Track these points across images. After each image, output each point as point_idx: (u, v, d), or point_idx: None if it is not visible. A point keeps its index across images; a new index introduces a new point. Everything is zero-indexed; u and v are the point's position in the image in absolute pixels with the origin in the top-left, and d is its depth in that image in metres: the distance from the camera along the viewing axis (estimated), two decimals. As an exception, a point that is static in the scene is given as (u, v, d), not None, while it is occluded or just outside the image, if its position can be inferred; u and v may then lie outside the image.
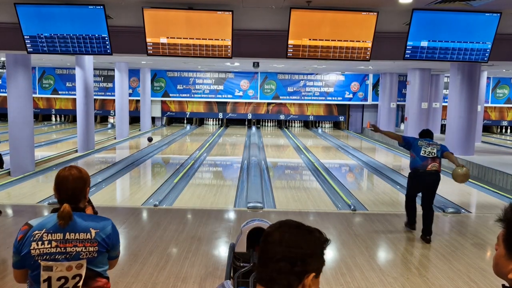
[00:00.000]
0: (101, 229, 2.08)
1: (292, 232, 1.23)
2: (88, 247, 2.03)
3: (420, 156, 5.50)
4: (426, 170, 5.45)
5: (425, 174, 5.47)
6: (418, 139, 5.69)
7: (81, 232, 2.03)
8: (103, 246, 2.06)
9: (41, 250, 1.99)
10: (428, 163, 5.46)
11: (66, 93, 21.26)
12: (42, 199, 7.30)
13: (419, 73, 15.39)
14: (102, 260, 2.10)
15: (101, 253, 2.07)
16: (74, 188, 2.09)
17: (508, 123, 22.48)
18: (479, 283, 4.25)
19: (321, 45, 6.61)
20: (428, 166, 5.46)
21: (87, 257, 2.03)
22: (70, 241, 2.01)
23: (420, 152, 5.50)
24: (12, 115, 9.62)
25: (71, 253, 2.00)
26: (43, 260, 1.99)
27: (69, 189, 2.08)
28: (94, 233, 2.04)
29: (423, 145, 5.55)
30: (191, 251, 4.95)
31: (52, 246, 1.99)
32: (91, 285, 2.07)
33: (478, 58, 6.75)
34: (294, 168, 11.71)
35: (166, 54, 6.74)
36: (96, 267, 2.08)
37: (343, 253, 5.04)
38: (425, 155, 5.47)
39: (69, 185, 2.08)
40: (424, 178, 5.50)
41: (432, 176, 5.49)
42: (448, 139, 12.11)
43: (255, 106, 21.96)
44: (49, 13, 6.36)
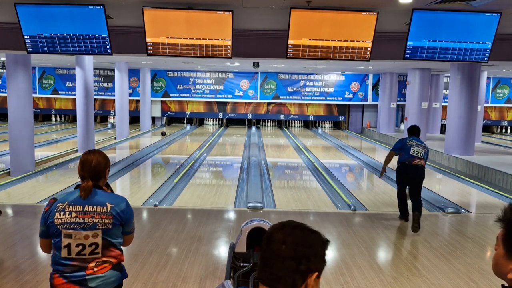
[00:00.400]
0: (116, 204, 2.34)
1: (296, 231, 1.24)
2: (104, 219, 2.28)
3: (409, 154, 5.95)
4: (412, 164, 5.92)
5: (411, 166, 5.92)
6: (406, 139, 6.10)
7: (98, 206, 2.29)
8: (117, 219, 2.32)
9: (62, 219, 2.26)
10: (414, 159, 5.93)
11: (66, 93, 21.26)
12: (42, 199, 7.30)
13: (419, 73, 15.39)
14: (116, 233, 2.35)
15: (115, 225, 2.32)
16: (96, 168, 2.37)
17: (508, 123, 22.48)
18: (479, 283, 4.26)
19: (321, 45, 6.61)
20: (414, 161, 5.92)
21: (103, 228, 2.28)
22: (88, 213, 2.27)
23: (409, 151, 5.95)
24: (12, 115, 9.62)
25: (88, 223, 2.26)
26: (64, 229, 2.26)
27: (91, 167, 2.36)
28: (110, 207, 2.30)
29: (412, 144, 6.00)
30: (191, 251, 4.95)
31: (72, 216, 2.26)
32: (106, 254, 2.32)
33: (478, 58, 6.75)
34: (294, 168, 11.71)
35: (166, 54, 6.74)
36: (110, 238, 2.32)
37: (343, 253, 5.04)
38: (413, 154, 5.94)
39: (91, 164, 2.36)
40: (410, 169, 5.93)
41: (418, 169, 5.94)
42: (448, 139, 12.12)
43: (255, 106, 21.97)
44: (49, 13, 6.36)
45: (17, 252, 4.87)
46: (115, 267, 2.37)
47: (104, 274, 2.31)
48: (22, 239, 5.27)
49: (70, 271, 2.28)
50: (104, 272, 2.31)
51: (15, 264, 4.49)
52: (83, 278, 2.27)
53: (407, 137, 6.20)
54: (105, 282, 2.31)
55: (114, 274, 2.35)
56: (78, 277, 2.27)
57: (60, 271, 2.29)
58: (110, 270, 2.34)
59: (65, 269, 2.28)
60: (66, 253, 2.27)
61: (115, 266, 2.37)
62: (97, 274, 2.29)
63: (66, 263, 2.28)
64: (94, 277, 2.28)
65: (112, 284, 2.34)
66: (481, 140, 16.17)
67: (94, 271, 2.29)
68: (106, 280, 2.32)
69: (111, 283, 2.34)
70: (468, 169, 10.89)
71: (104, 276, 2.31)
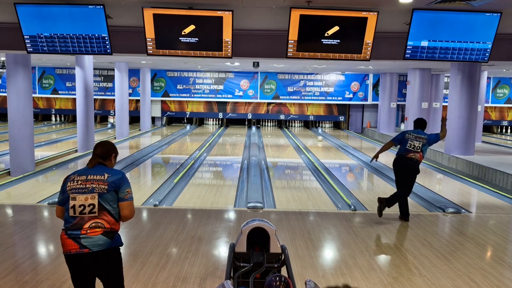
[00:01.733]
0: (113, 174, 2.92)
1: None
2: (101, 185, 2.85)
3: (405, 148, 6.16)
4: (406, 156, 6.12)
5: (405, 158, 6.13)
6: (406, 132, 6.27)
7: (98, 175, 2.89)
8: (111, 186, 2.87)
9: (71, 186, 2.87)
10: (409, 153, 6.12)
11: (66, 93, 21.25)
12: (42, 199, 7.30)
13: (419, 73, 15.39)
14: (110, 198, 2.87)
15: (109, 191, 2.86)
16: (103, 151, 3.02)
17: (508, 123, 22.48)
18: (479, 283, 4.25)
19: (321, 45, 6.60)
20: (408, 154, 6.11)
21: (99, 192, 2.84)
22: (89, 181, 2.86)
23: (406, 145, 6.16)
24: (12, 115, 9.62)
25: (88, 188, 2.84)
26: (71, 193, 2.85)
27: (99, 151, 3.01)
28: (107, 176, 2.89)
29: (410, 137, 6.18)
30: (191, 251, 4.94)
31: (78, 183, 2.87)
32: (100, 216, 2.84)
33: (478, 58, 6.75)
34: (294, 168, 11.70)
35: (166, 54, 6.74)
36: (104, 203, 2.85)
37: (343, 253, 5.04)
38: (409, 148, 6.13)
39: (101, 147, 3.04)
40: (404, 161, 6.14)
41: (411, 161, 6.10)
42: (448, 139, 12.11)
43: (255, 106, 21.96)
44: (49, 13, 6.36)
45: (17, 252, 4.86)
46: (106, 234, 2.83)
47: (93, 237, 2.80)
48: (22, 239, 5.26)
49: (71, 229, 2.83)
50: (94, 235, 2.81)
51: (15, 264, 4.49)
52: (78, 236, 2.80)
53: (408, 130, 6.37)
54: (93, 243, 2.80)
55: (102, 239, 2.82)
56: (74, 235, 2.81)
57: (65, 228, 2.87)
58: (100, 235, 2.81)
59: (69, 226, 2.84)
60: (72, 213, 2.83)
61: (106, 232, 2.83)
62: (88, 235, 2.80)
63: (70, 220, 2.84)
64: (85, 237, 2.80)
65: (99, 246, 2.80)
66: (482, 140, 16.17)
67: (87, 232, 2.81)
68: (95, 242, 2.80)
69: (99, 246, 2.80)
70: (468, 169, 10.89)
71: (93, 238, 2.80)
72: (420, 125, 6.33)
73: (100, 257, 2.82)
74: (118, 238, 2.93)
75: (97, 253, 2.80)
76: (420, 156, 6.12)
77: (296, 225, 5.98)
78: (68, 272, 4.29)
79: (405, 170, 6.16)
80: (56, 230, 5.62)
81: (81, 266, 2.85)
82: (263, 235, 3.15)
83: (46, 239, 5.40)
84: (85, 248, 2.78)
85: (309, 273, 4.39)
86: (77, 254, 2.80)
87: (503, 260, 4.92)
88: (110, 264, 2.89)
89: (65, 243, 2.84)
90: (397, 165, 6.24)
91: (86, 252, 2.79)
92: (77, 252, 2.79)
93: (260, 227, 3.16)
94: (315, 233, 5.67)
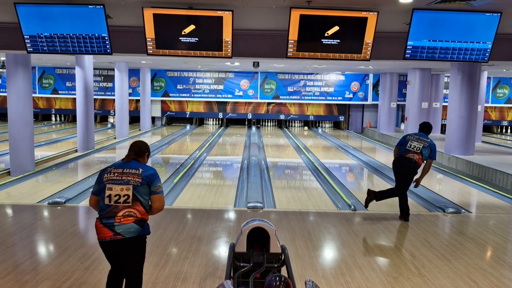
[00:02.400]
0: (146, 170, 3.22)
1: None
2: (135, 178, 3.15)
3: (405, 148, 6.19)
4: (404, 156, 6.15)
5: (404, 158, 6.16)
6: (408, 134, 6.33)
7: (133, 169, 3.20)
8: (145, 180, 3.17)
9: (108, 177, 3.17)
10: (408, 153, 6.14)
11: (66, 92, 21.25)
12: (42, 199, 7.30)
13: (419, 73, 15.39)
14: (143, 190, 3.16)
15: (142, 184, 3.16)
16: (138, 149, 3.36)
17: (508, 123, 22.48)
18: (479, 283, 4.25)
19: (321, 45, 6.60)
20: (407, 154, 6.14)
21: (133, 184, 3.13)
22: (125, 173, 3.16)
23: (406, 145, 6.19)
24: (12, 114, 9.62)
25: (124, 180, 3.14)
26: (107, 183, 3.14)
27: (135, 148, 3.36)
28: (141, 171, 3.20)
29: (411, 139, 6.22)
30: (191, 251, 4.94)
31: (114, 175, 3.16)
32: (133, 206, 3.13)
33: (479, 58, 6.75)
34: (294, 168, 11.70)
35: (166, 54, 6.74)
36: (138, 194, 3.14)
37: (343, 253, 5.04)
38: (409, 148, 6.15)
39: (136, 146, 3.37)
40: (402, 161, 6.17)
41: (409, 161, 6.12)
42: (448, 139, 12.12)
43: (255, 106, 21.96)
44: (49, 13, 6.36)
45: (17, 252, 4.86)
46: (137, 222, 3.12)
47: (126, 224, 3.09)
48: (22, 239, 5.26)
49: (105, 217, 3.11)
50: (127, 223, 3.10)
51: (15, 264, 4.49)
52: (112, 224, 3.09)
53: (411, 133, 6.41)
54: (126, 230, 3.09)
55: (134, 227, 3.11)
56: (109, 223, 3.09)
57: (100, 217, 3.14)
58: (132, 223, 3.10)
59: (103, 214, 3.11)
60: (108, 201, 3.12)
61: (138, 221, 3.13)
62: (121, 223, 3.09)
63: (105, 209, 3.12)
64: (119, 225, 3.09)
65: (131, 233, 3.10)
66: (482, 140, 16.17)
67: (120, 220, 3.09)
68: (127, 229, 3.09)
69: (131, 233, 3.10)
70: (468, 169, 10.89)
71: (126, 225, 3.09)
72: (424, 128, 6.31)
73: (131, 243, 3.13)
74: (147, 227, 3.23)
75: (128, 240, 3.11)
76: (419, 158, 6.09)
77: (296, 225, 5.98)
78: (68, 271, 4.31)
79: (402, 169, 6.18)
80: (56, 230, 5.62)
81: (114, 251, 3.18)
82: (263, 235, 3.15)
83: (46, 239, 5.40)
84: (119, 235, 3.08)
85: (309, 273, 4.39)
86: (111, 241, 3.10)
87: (503, 260, 4.92)
88: (138, 250, 3.21)
89: (101, 231, 3.12)
90: (396, 164, 6.29)
91: (119, 239, 3.09)
92: (111, 239, 3.10)
93: (260, 227, 3.16)
94: (315, 233, 5.67)
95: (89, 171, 10.33)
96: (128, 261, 3.20)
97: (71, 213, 6.52)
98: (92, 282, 4.12)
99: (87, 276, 4.23)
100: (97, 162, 11.75)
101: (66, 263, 4.53)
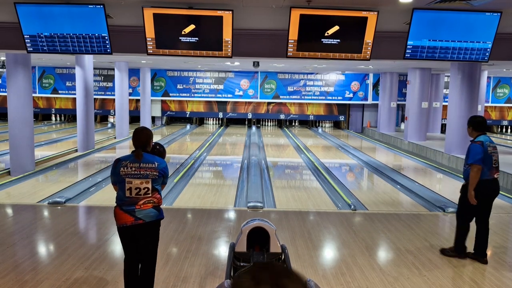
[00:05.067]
0: (160, 163, 3.53)
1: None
2: (153, 172, 3.46)
3: (490, 167, 4.76)
4: (493, 178, 4.82)
5: (494, 182, 4.82)
6: (485, 144, 4.75)
7: (149, 163, 3.47)
8: (160, 173, 3.50)
9: (126, 172, 3.43)
10: (495, 172, 4.86)
11: (66, 92, 21.25)
12: (42, 199, 7.30)
13: (419, 72, 15.38)
14: (158, 181, 3.53)
15: (159, 177, 3.51)
16: (143, 139, 3.54)
17: (509, 122, 22.47)
18: (479, 282, 4.25)
19: (321, 45, 6.59)
20: (495, 174, 4.86)
21: (151, 178, 3.45)
22: (143, 168, 3.44)
23: (491, 163, 4.76)
24: (12, 114, 9.61)
25: (142, 174, 3.43)
26: (126, 177, 3.42)
27: (140, 139, 3.53)
28: (157, 165, 3.49)
29: (492, 152, 4.80)
30: (191, 251, 4.94)
31: (132, 170, 3.43)
32: (152, 195, 3.47)
33: (479, 57, 6.74)
34: (294, 168, 11.70)
35: (166, 54, 6.73)
36: (155, 184, 3.49)
37: (343, 252, 5.04)
38: (494, 166, 4.80)
39: (140, 137, 3.53)
40: (495, 185, 4.84)
41: (498, 184, 4.89)
42: (448, 139, 12.11)
43: (255, 106, 21.96)
44: (49, 13, 6.35)
45: (17, 252, 4.86)
46: (155, 207, 3.49)
47: (146, 210, 3.44)
48: (22, 239, 5.26)
49: (126, 205, 3.43)
50: (147, 208, 3.44)
51: (15, 264, 4.49)
52: (133, 210, 3.42)
53: (482, 139, 4.80)
54: (146, 215, 3.44)
55: (153, 211, 3.48)
56: (130, 209, 3.42)
57: (120, 205, 3.47)
58: (151, 208, 3.46)
59: (123, 203, 3.45)
60: (128, 194, 3.41)
61: (155, 206, 3.50)
62: (142, 209, 3.43)
63: (125, 200, 3.44)
64: (140, 210, 3.43)
65: (151, 218, 3.46)
66: (481, 139, 16.13)
67: (141, 207, 3.43)
68: (147, 214, 3.44)
69: (150, 217, 3.46)
70: (468, 168, 10.87)
71: (146, 210, 3.44)
72: (486, 126, 5.02)
73: (150, 226, 3.48)
74: (162, 212, 3.60)
75: (148, 223, 3.46)
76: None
77: (296, 224, 5.98)
78: (68, 271, 4.30)
79: (494, 195, 4.86)
80: (56, 230, 5.63)
81: (134, 236, 3.50)
82: (263, 234, 3.15)
83: (46, 239, 5.40)
84: (140, 219, 3.42)
85: (309, 273, 4.39)
86: (133, 225, 3.43)
87: (503, 260, 4.92)
88: (156, 233, 3.58)
89: (121, 217, 3.44)
90: (487, 192, 4.78)
91: (140, 223, 3.42)
92: (132, 224, 3.42)
93: (260, 226, 3.16)
94: (315, 233, 5.67)
95: (89, 170, 10.32)
96: (147, 243, 3.53)
97: (71, 213, 6.52)
98: (92, 282, 4.12)
99: (87, 276, 4.23)
100: (97, 162, 11.75)
101: (66, 263, 4.53)
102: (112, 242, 5.27)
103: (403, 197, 8.26)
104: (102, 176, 9.26)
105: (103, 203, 7.07)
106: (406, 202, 7.86)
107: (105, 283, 4.11)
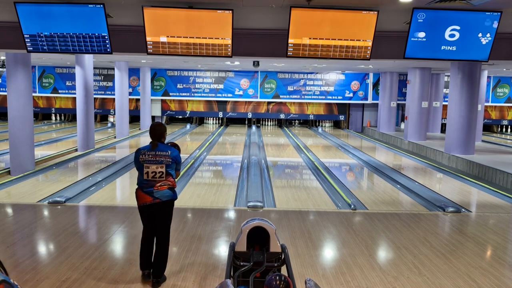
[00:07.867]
0: (173, 151, 4.11)
1: None
2: (167, 158, 4.05)
3: None
4: None
5: None
6: None
7: (163, 151, 4.07)
8: (173, 160, 4.09)
9: (144, 158, 4.05)
10: None
11: (66, 92, 21.25)
12: (42, 198, 7.30)
13: (420, 72, 15.38)
14: (172, 166, 4.10)
15: (172, 163, 4.08)
16: (157, 133, 4.14)
17: (509, 122, 22.48)
18: (479, 282, 4.25)
19: (321, 44, 6.61)
20: None
21: (165, 163, 4.05)
22: (159, 155, 4.05)
23: None
24: (12, 114, 9.61)
25: (158, 160, 4.03)
26: (145, 163, 4.04)
27: (155, 133, 4.14)
28: (170, 153, 4.08)
29: None
30: (191, 250, 4.95)
31: (149, 157, 4.04)
32: (167, 178, 4.07)
33: (478, 57, 6.74)
34: (294, 167, 11.70)
35: (166, 53, 6.73)
36: (169, 169, 4.07)
37: (343, 252, 5.04)
38: None
39: (155, 132, 4.15)
40: None
41: None
42: (448, 138, 12.11)
43: (255, 105, 21.96)
44: (49, 12, 6.36)
45: (17, 251, 4.86)
46: (170, 189, 4.09)
47: (163, 190, 4.05)
48: (22, 238, 5.26)
49: (145, 187, 4.04)
50: (163, 189, 4.05)
51: (15, 263, 4.49)
52: (151, 191, 4.03)
53: None
54: (163, 195, 4.04)
55: (168, 192, 4.08)
56: (148, 191, 4.03)
57: (141, 187, 4.08)
58: (166, 189, 4.07)
59: (143, 185, 4.06)
60: (146, 177, 4.04)
61: (170, 188, 4.10)
62: (159, 190, 4.03)
63: (144, 182, 4.05)
64: (157, 191, 4.03)
65: (166, 197, 4.07)
66: (482, 139, 16.16)
67: (158, 187, 4.03)
68: (163, 194, 4.05)
69: (166, 197, 4.06)
70: (468, 168, 10.89)
71: (163, 191, 4.05)
72: None
73: (166, 205, 4.08)
74: (176, 193, 4.19)
75: (164, 202, 4.06)
76: None
77: (296, 224, 5.99)
78: (68, 271, 4.31)
79: None
80: (56, 229, 5.63)
81: (151, 213, 4.10)
82: (263, 234, 3.15)
83: (46, 238, 5.40)
84: (157, 199, 4.02)
85: (309, 272, 4.39)
86: (152, 204, 4.04)
87: (503, 259, 4.92)
88: (170, 210, 4.15)
89: (142, 197, 4.06)
90: None
91: (158, 202, 4.03)
92: (151, 203, 4.03)
93: (260, 226, 3.16)
94: (315, 232, 5.67)
95: (89, 170, 10.32)
96: (162, 220, 4.09)
97: (71, 212, 6.52)
98: (92, 282, 4.12)
99: (87, 276, 4.24)
100: (97, 161, 11.75)
101: (66, 263, 4.53)
102: (112, 241, 5.27)
103: (403, 196, 8.26)
104: (102, 175, 9.26)
105: (103, 203, 7.07)
106: (406, 201, 7.86)
107: (105, 282, 4.11)
